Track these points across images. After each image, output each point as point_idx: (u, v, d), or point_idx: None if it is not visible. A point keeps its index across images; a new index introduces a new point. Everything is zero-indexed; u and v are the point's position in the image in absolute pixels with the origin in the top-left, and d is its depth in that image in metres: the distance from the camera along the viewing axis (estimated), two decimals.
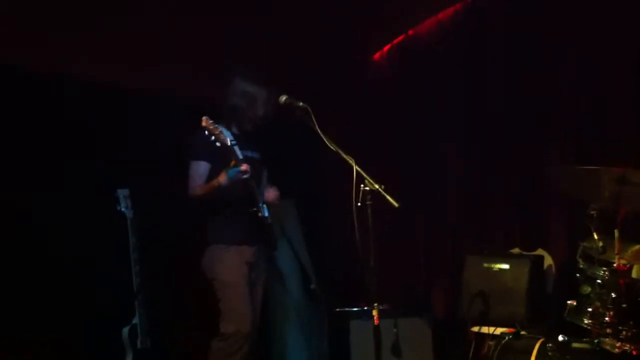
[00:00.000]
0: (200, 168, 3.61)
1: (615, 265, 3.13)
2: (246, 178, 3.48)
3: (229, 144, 3.44)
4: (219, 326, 3.56)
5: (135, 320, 3.75)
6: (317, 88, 4.48)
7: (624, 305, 3.05)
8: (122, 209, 3.85)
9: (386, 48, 5.35)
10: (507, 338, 3.44)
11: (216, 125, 3.42)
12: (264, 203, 3.68)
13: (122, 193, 3.87)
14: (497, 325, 3.76)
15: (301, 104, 3.42)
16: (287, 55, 4.68)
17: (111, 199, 3.91)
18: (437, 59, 4.94)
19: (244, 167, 3.45)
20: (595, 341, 3.08)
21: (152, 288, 3.85)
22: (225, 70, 3.78)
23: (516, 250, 4.07)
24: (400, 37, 5.24)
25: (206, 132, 3.38)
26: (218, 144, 3.40)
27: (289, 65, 4.66)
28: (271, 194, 3.77)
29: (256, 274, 3.72)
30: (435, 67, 4.95)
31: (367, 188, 3.19)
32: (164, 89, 4.43)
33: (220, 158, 3.49)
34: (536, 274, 3.83)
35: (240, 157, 3.53)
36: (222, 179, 3.49)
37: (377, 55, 5.43)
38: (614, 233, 3.17)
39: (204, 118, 3.39)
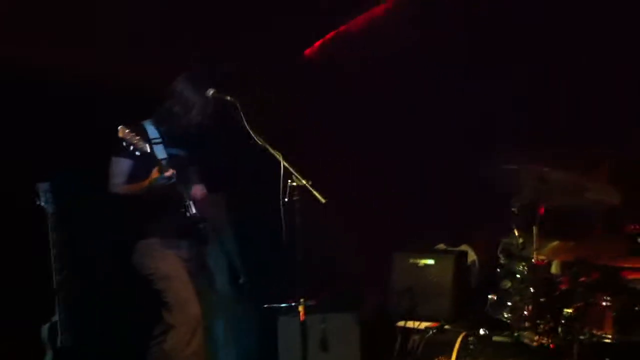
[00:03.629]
0: (122, 165, 3.56)
1: (534, 260, 3.22)
2: (173, 182, 3.46)
3: (148, 150, 3.41)
4: (166, 320, 3.55)
5: (55, 318, 3.64)
6: (248, 83, 4.47)
7: (542, 300, 3.14)
8: (42, 204, 3.71)
9: (317, 44, 5.36)
10: (431, 332, 3.50)
11: (134, 134, 3.38)
12: (191, 200, 3.65)
13: (42, 187, 3.73)
14: (424, 319, 3.83)
15: (229, 97, 3.43)
16: (218, 51, 4.63)
17: (31, 193, 3.77)
18: (369, 55, 4.97)
19: (168, 173, 3.43)
20: (515, 334, 3.16)
21: (75, 285, 3.75)
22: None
23: (441, 246, 4.15)
24: (332, 33, 5.25)
25: (124, 143, 3.35)
26: (137, 152, 3.38)
27: (221, 61, 4.62)
28: (198, 192, 3.72)
29: (195, 272, 3.71)
30: (365, 64, 4.98)
31: (295, 184, 3.22)
32: (91, 79, 4.30)
33: (143, 156, 3.45)
34: (460, 269, 3.92)
35: (164, 156, 3.51)
36: (146, 185, 3.47)
37: (308, 51, 5.43)
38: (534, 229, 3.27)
39: (120, 128, 3.36)
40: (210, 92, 3.51)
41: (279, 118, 4.97)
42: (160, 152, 3.55)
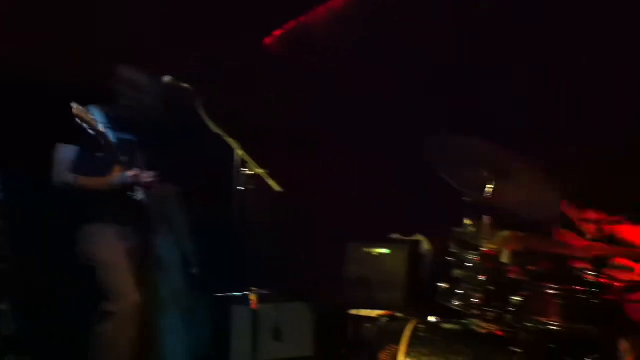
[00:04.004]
0: (66, 152, 3.55)
1: (484, 249, 3.27)
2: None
3: (101, 130, 3.40)
4: (105, 307, 3.56)
5: (2, 307, 3.58)
6: (208, 71, 4.43)
7: (491, 288, 3.19)
8: None
9: (277, 33, 5.34)
10: (383, 321, 3.53)
11: (88, 112, 3.38)
12: (139, 186, 3.62)
13: None
14: (377, 308, 3.86)
15: (185, 85, 3.41)
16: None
17: None
18: (328, 46, 4.97)
19: (131, 173, 3.50)
20: (464, 322, 3.20)
21: (21, 273, 3.68)
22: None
23: (396, 236, 4.19)
24: (292, 23, 5.24)
25: (77, 120, 3.34)
26: (91, 131, 3.36)
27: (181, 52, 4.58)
28: (145, 178, 3.70)
29: (141, 260, 3.68)
30: (326, 55, 4.98)
31: (250, 172, 3.22)
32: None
33: (92, 143, 3.44)
34: (414, 259, 3.96)
35: (113, 140, 3.48)
36: (107, 184, 3.49)
37: (268, 40, 5.40)
38: (485, 219, 3.32)
39: (73, 105, 3.32)
40: (166, 78, 3.48)
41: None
42: (109, 137, 3.52)
